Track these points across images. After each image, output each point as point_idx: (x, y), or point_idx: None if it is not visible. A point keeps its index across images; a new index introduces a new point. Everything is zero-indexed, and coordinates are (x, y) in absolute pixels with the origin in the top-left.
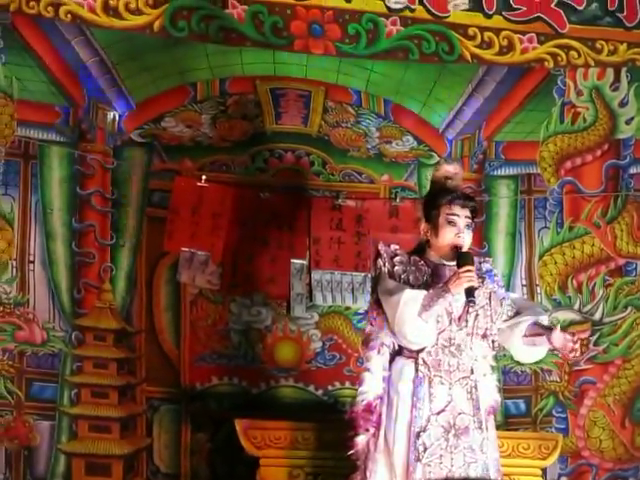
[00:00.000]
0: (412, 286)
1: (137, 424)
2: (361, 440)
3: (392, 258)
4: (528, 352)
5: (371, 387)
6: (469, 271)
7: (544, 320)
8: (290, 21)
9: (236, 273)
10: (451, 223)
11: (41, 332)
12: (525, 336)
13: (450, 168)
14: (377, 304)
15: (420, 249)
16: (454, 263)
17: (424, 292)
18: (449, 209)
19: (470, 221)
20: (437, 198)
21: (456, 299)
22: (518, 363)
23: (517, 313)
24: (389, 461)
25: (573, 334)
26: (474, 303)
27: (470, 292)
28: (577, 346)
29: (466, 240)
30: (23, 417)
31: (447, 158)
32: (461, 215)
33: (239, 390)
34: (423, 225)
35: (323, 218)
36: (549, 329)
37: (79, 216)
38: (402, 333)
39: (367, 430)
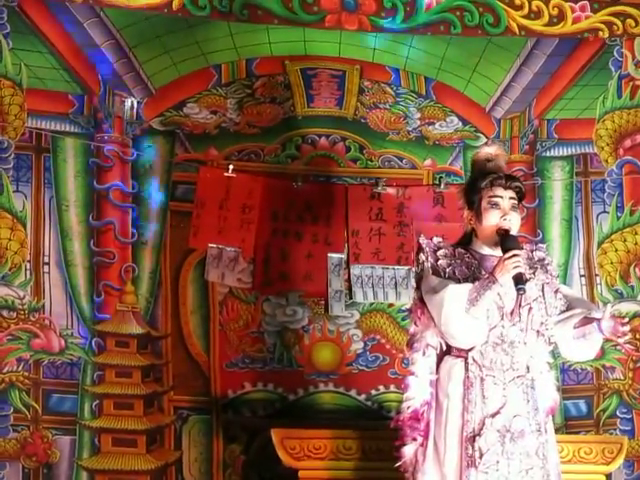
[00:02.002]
0: (458, 280)
1: (165, 436)
2: (408, 450)
3: (435, 252)
4: (578, 347)
5: (417, 392)
6: (515, 256)
7: (596, 315)
8: None
9: (269, 270)
10: (495, 206)
11: (58, 339)
12: (575, 327)
13: (490, 149)
14: (421, 302)
15: (466, 240)
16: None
17: (469, 285)
18: (491, 192)
19: (516, 202)
20: (477, 182)
21: (506, 292)
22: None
23: (569, 308)
24: (440, 471)
25: (623, 317)
26: (524, 291)
27: (519, 280)
28: (627, 328)
29: (513, 223)
30: (41, 432)
31: (495, 139)
32: (505, 196)
33: (274, 397)
34: (466, 213)
35: (362, 208)
36: (599, 319)
37: (97, 213)
38: (450, 333)
39: (414, 439)
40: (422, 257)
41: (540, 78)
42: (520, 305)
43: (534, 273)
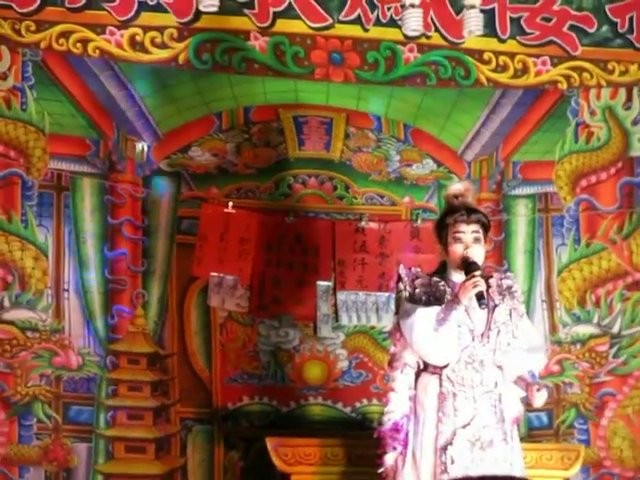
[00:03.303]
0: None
1: (171, 444)
2: (389, 458)
3: (413, 281)
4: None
5: (398, 406)
6: (473, 277)
7: (534, 370)
8: (310, 51)
9: (264, 296)
10: (458, 240)
11: (77, 357)
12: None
13: (458, 186)
14: (400, 325)
15: (441, 269)
16: None
17: (437, 308)
18: (455, 227)
19: (480, 235)
20: (444, 219)
21: (477, 316)
22: (540, 377)
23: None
24: (417, 477)
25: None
26: (485, 305)
27: (480, 297)
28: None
29: (475, 255)
30: (61, 440)
31: (464, 178)
32: (467, 231)
33: (269, 409)
34: (438, 246)
35: (347, 241)
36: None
37: (111, 244)
38: (421, 352)
39: (395, 448)
40: (401, 285)
41: (506, 125)
42: (490, 328)
43: (503, 299)
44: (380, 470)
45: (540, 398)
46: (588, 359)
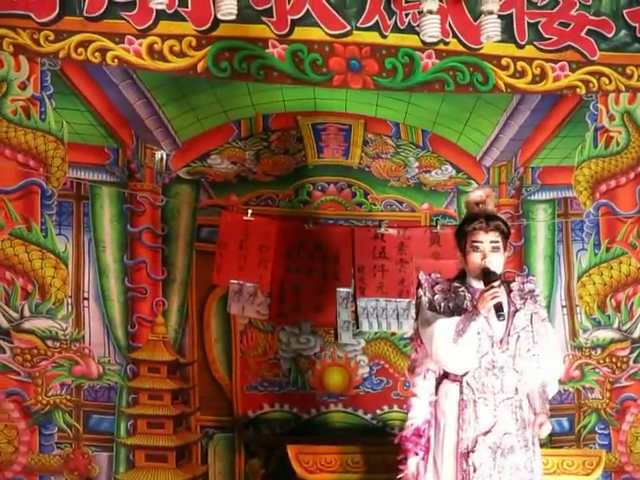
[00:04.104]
0: (452, 313)
1: (192, 452)
2: (411, 464)
3: (433, 287)
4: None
5: (419, 412)
6: (492, 288)
7: (551, 388)
8: (329, 58)
9: (284, 303)
10: (476, 249)
11: (97, 366)
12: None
13: (479, 192)
14: (419, 332)
15: (462, 275)
16: None
17: (457, 319)
18: (473, 236)
19: (498, 243)
20: (463, 226)
21: (496, 322)
22: (561, 382)
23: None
24: None
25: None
26: (503, 317)
27: (498, 308)
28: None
29: (494, 263)
30: (82, 449)
31: (484, 184)
32: (485, 240)
33: (290, 416)
34: (458, 253)
35: (366, 247)
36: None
37: (131, 253)
38: (441, 362)
39: (416, 454)
40: (421, 292)
41: (525, 130)
42: (509, 334)
43: (524, 303)
44: (400, 476)
45: (544, 432)
46: (609, 364)
